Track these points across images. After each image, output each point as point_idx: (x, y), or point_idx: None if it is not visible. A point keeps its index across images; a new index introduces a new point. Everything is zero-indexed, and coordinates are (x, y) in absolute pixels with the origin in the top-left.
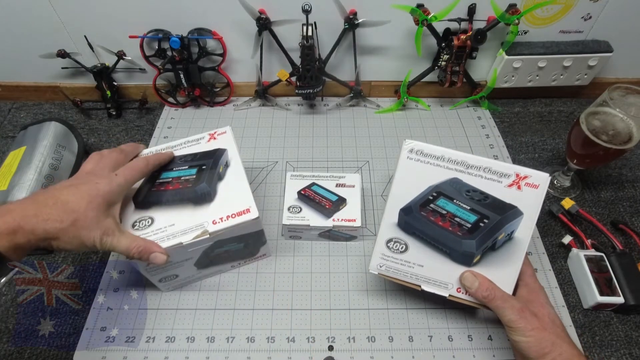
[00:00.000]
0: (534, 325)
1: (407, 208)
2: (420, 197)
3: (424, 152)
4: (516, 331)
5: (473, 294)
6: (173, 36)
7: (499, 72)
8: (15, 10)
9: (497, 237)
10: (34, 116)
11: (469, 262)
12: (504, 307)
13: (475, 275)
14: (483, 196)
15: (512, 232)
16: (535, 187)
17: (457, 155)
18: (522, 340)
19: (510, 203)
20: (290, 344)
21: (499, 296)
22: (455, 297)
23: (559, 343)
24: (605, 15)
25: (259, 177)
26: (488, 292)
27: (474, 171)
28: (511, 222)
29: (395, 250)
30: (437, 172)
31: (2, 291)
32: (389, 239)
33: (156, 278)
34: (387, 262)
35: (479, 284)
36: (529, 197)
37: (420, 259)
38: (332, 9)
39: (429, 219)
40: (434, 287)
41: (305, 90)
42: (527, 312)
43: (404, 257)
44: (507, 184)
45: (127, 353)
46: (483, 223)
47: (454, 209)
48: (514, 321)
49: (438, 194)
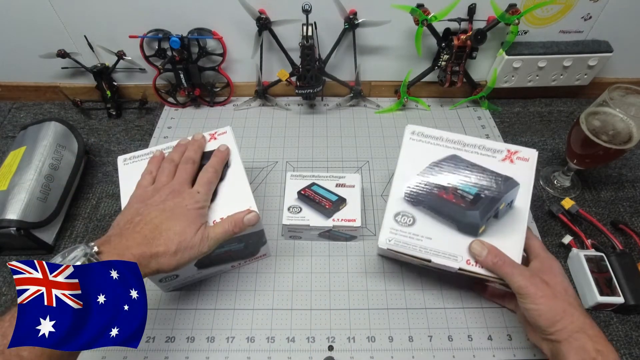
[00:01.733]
0: (544, 292)
1: None
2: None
3: (424, 133)
4: (526, 298)
5: (482, 261)
6: (173, 36)
7: (499, 72)
8: (15, 10)
9: (499, 206)
10: (34, 116)
11: (475, 233)
12: (513, 273)
13: (483, 244)
14: (481, 169)
15: (511, 201)
16: (526, 160)
17: (453, 135)
18: (532, 307)
19: (506, 175)
20: (290, 344)
21: (508, 262)
22: (465, 270)
23: (570, 311)
24: (605, 15)
25: (259, 177)
26: (497, 258)
27: (470, 149)
28: (509, 191)
29: (403, 224)
30: (437, 150)
31: (2, 291)
32: (397, 213)
33: (156, 278)
34: (396, 236)
35: (488, 251)
36: (522, 169)
37: (428, 232)
38: (332, 9)
39: (434, 193)
40: (443, 259)
41: (305, 90)
42: (537, 279)
43: (412, 230)
44: (500, 159)
45: (127, 353)
46: (484, 194)
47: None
48: (524, 287)
49: None
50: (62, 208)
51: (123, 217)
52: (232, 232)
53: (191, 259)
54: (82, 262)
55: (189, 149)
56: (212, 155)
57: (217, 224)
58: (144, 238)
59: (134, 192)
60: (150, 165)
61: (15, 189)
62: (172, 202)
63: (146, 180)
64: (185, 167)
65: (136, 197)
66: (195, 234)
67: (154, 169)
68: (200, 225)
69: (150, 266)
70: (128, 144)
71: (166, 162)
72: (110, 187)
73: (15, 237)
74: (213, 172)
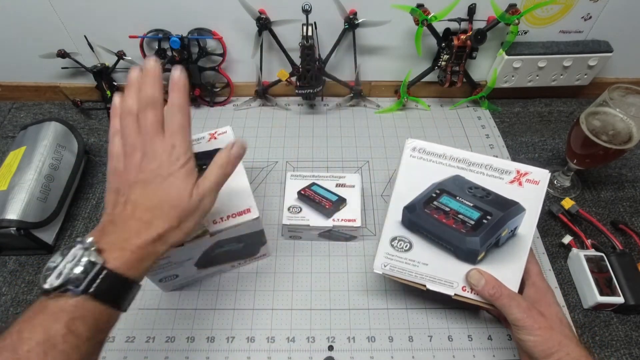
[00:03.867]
0: (541, 324)
1: (411, 206)
2: (423, 194)
3: (426, 150)
4: (522, 330)
5: (479, 292)
6: (173, 36)
7: (499, 72)
8: (15, 10)
9: (501, 233)
10: (34, 116)
11: (473, 260)
12: (511, 305)
13: (481, 273)
14: (485, 193)
15: (515, 228)
16: (536, 183)
17: (458, 153)
18: (528, 339)
19: (512, 199)
20: (290, 344)
21: (506, 294)
22: (461, 296)
23: (566, 343)
24: (605, 15)
25: (259, 177)
26: (494, 289)
27: (475, 168)
28: (514, 218)
29: (399, 249)
30: (440, 170)
31: (2, 291)
32: (393, 238)
33: (156, 278)
34: (392, 262)
35: (485, 281)
36: (530, 193)
37: (424, 258)
38: (332, 9)
39: (433, 217)
40: (439, 286)
41: (305, 90)
42: (534, 311)
43: (408, 255)
44: (508, 181)
45: (127, 353)
46: (486, 220)
47: (457, 206)
48: (521, 319)
49: (441, 191)
50: (62, 208)
51: (109, 198)
52: (224, 175)
53: (197, 223)
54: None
55: (144, 88)
56: (170, 90)
57: (207, 173)
58: (140, 223)
59: (108, 164)
60: (114, 121)
61: (15, 189)
62: (149, 170)
63: (115, 145)
64: (146, 115)
65: (111, 172)
66: (190, 196)
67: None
68: (192, 186)
69: (157, 250)
70: None
71: (124, 114)
72: None
73: (15, 237)
74: (179, 112)
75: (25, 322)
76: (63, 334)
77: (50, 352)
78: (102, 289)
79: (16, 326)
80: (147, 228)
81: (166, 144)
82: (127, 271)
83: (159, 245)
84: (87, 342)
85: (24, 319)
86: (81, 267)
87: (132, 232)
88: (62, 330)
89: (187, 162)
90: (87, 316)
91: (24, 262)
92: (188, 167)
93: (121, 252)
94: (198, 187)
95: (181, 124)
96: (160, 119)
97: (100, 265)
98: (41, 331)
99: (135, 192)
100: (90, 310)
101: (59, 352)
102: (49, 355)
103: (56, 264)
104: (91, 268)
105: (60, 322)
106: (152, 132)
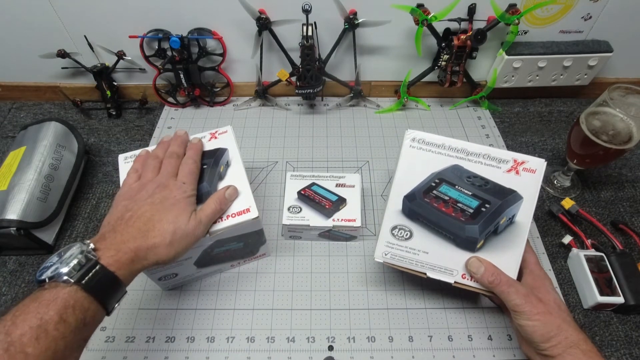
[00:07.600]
0: (539, 310)
1: (411, 195)
2: (423, 184)
3: (425, 140)
4: (522, 315)
5: (479, 279)
6: (173, 36)
7: (499, 72)
8: (15, 10)
9: (499, 221)
10: (34, 116)
11: (472, 247)
12: (510, 292)
13: (480, 261)
14: (484, 182)
15: (513, 216)
16: (533, 171)
17: (457, 143)
18: (527, 324)
19: (510, 188)
20: (290, 344)
21: (505, 281)
22: (461, 283)
23: (564, 327)
24: (605, 15)
25: (259, 177)
26: (494, 277)
27: (473, 158)
28: (512, 206)
29: (400, 238)
30: (439, 160)
31: (2, 291)
32: (394, 226)
33: (155, 276)
34: (392, 250)
35: (485, 269)
36: (527, 181)
37: (425, 246)
38: (332, 9)
39: (433, 205)
40: (439, 273)
41: (305, 90)
42: (532, 297)
43: (408, 244)
44: (505, 170)
45: (127, 353)
46: (485, 208)
47: (456, 195)
48: (520, 305)
49: (440, 180)
50: (62, 208)
51: (113, 216)
52: (219, 210)
53: (188, 246)
54: (78, 260)
55: (172, 144)
56: (187, 149)
57: (205, 206)
58: (138, 231)
59: (120, 190)
60: (136, 164)
61: (15, 189)
62: (160, 195)
63: (131, 178)
64: (170, 161)
65: (123, 195)
66: (188, 221)
67: (139, 167)
68: (191, 212)
69: (148, 258)
70: (128, 144)
71: (150, 158)
72: (110, 187)
73: (15, 237)
74: (192, 163)
75: (20, 309)
76: (55, 321)
77: (42, 337)
78: (93, 282)
79: (11, 313)
80: (143, 236)
81: (178, 182)
82: (118, 270)
83: (150, 254)
84: (73, 333)
85: (18, 307)
86: (76, 260)
87: (130, 237)
88: (55, 317)
89: (192, 195)
90: (77, 307)
91: (24, 262)
92: (192, 199)
93: (116, 252)
94: (196, 214)
95: (191, 171)
96: (177, 168)
97: (94, 260)
98: (35, 317)
99: (142, 208)
100: (80, 301)
101: (50, 338)
102: (40, 340)
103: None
104: (85, 262)
105: (53, 309)
106: (169, 173)
